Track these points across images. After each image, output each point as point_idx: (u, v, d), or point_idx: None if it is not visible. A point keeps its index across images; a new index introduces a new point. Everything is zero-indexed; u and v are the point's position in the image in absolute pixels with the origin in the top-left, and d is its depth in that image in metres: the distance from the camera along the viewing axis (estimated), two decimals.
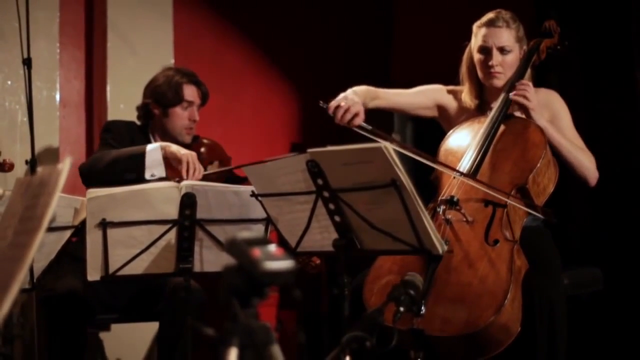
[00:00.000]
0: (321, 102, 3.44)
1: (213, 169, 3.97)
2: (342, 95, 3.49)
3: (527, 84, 3.53)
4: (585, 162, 3.55)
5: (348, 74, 5.83)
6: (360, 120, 3.40)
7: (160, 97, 4.03)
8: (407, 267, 3.11)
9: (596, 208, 4.94)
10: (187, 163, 3.64)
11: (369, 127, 3.35)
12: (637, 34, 4.91)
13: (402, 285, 2.54)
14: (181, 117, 4.03)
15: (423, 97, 3.82)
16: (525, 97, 3.48)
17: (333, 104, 3.43)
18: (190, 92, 4.06)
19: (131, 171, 3.55)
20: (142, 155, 3.66)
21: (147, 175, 3.62)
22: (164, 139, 4.01)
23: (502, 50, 3.60)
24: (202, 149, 4.11)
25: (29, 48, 4.20)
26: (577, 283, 3.70)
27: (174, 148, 3.70)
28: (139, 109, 4.12)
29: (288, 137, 5.69)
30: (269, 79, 5.68)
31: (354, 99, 3.46)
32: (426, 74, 3.97)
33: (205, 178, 3.71)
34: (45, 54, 4.78)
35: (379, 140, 3.27)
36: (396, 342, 2.48)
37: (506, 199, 3.28)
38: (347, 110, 3.39)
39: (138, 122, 4.14)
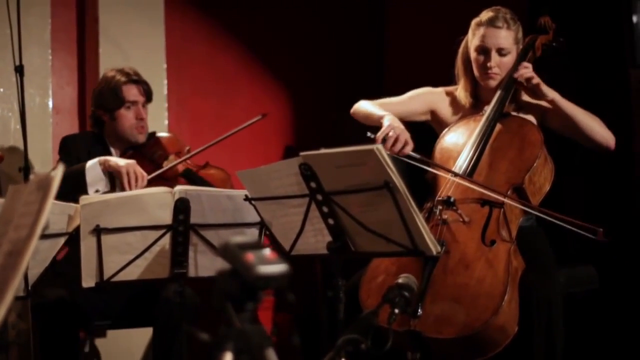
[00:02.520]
0: (369, 133, 3.40)
1: (169, 163, 3.98)
2: (386, 123, 3.43)
3: (527, 65, 3.55)
4: (599, 128, 3.54)
5: (341, 76, 5.84)
6: (410, 149, 3.37)
7: (103, 103, 4.06)
8: (404, 267, 3.11)
9: (590, 206, 4.94)
10: (128, 174, 3.66)
11: (418, 156, 3.36)
12: (629, 31, 4.92)
13: (396, 287, 2.55)
14: (128, 118, 4.04)
15: (417, 102, 3.80)
16: (530, 74, 3.50)
17: (380, 135, 3.38)
18: (130, 91, 4.06)
19: (76, 190, 3.45)
20: (82, 174, 3.68)
21: (91, 192, 3.63)
22: (119, 143, 4.05)
23: (501, 51, 3.59)
24: (157, 146, 4.12)
25: (21, 55, 4.19)
26: (572, 281, 3.70)
27: (112, 162, 3.71)
28: (90, 118, 4.14)
29: (282, 141, 5.69)
30: (263, 82, 5.68)
31: (400, 126, 3.42)
32: (419, 74, 3.97)
33: (157, 178, 3.75)
34: (37, 60, 4.77)
35: (430, 169, 3.28)
36: (391, 343, 2.47)
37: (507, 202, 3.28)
38: (396, 140, 3.36)
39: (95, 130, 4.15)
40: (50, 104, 4.84)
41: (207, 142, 4.31)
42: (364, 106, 3.72)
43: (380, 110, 3.59)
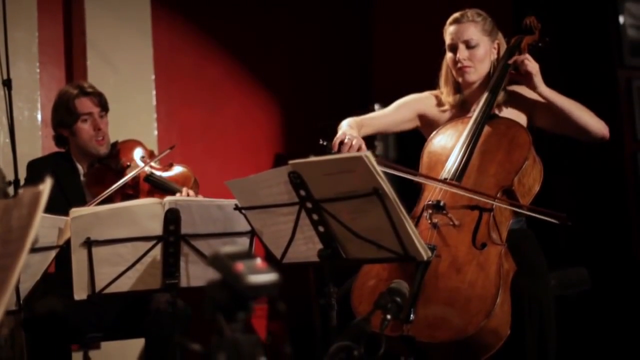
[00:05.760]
0: (321, 140, 3.43)
1: (132, 170, 3.95)
2: (340, 131, 3.46)
3: (525, 55, 3.56)
4: (592, 119, 3.53)
5: (330, 85, 5.85)
6: None
7: (60, 120, 4.05)
8: (395, 272, 3.11)
9: (580, 207, 4.95)
10: None
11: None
12: (616, 32, 4.94)
13: (388, 293, 2.55)
14: (86, 131, 4.02)
15: (404, 111, 3.80)
16: (528, 60, 3.51)
17: (336, 141, 3.39)
18: (83, 104, 4.03)
19: None
20: None
21: None
22: (84, 158, 4.04)
23: (468, 44, 3.60)
24: (120, 155, 4.09)
25: (9, 69, 4.20)
26: (564, 283, 3.71)
27: None
28: (53, 139, 4.14)
29: (271, 149, 5.69)
30: (251, 91, 5.69)
31: (353, 133, 3.43)
32: (407, 82, 3.97)
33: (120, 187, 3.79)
34: (25, 74, 4.77)
35: (387, 170, 3.29)
36: (385, 349, 2.48)
37: (502, 205, 3.28)
38: (350, 146, 3.36)
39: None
40: (39, 117, 4.84)
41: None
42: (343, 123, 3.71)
43: (345, 121, 3.61)
